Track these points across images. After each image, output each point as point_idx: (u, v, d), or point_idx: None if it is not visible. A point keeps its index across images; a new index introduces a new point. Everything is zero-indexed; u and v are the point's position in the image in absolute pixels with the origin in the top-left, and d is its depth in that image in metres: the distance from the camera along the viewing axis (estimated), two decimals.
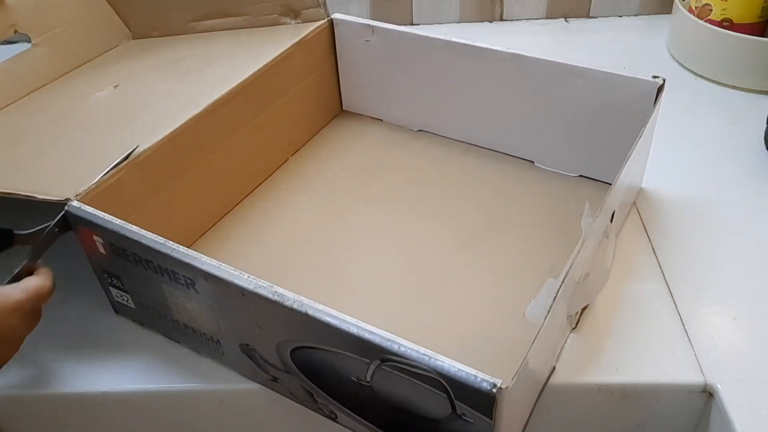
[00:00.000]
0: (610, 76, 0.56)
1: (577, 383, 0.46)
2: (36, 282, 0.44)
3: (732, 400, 0.44)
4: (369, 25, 0.65)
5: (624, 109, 0.56)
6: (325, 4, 0.92)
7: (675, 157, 0.66)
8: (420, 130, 0.70)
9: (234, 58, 0.63)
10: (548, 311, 0.39)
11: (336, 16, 0.67)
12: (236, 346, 0.46)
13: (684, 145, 0.68)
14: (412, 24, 0.94)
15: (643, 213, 0.60)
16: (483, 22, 0.94)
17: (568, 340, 0.49)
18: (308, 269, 0.56)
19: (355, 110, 0.73)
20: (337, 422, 0.46)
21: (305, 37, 0.64)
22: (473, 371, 0.35)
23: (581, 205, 0.58)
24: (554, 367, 0.47)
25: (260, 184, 0.64)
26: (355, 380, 0.41)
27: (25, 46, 0.64)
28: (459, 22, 0.94)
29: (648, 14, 0.94)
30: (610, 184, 0.60)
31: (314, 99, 0.69)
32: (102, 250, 0.47)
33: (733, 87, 0.77)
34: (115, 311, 0.53)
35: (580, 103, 0.59)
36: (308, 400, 0.46)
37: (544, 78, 0.59)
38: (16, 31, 0.63)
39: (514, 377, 0.35)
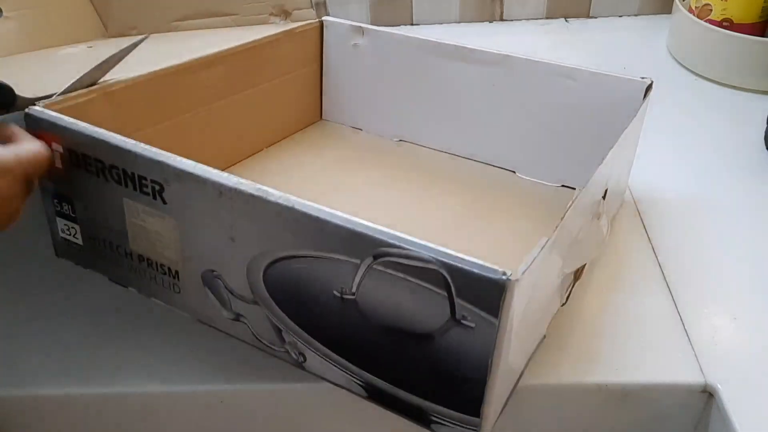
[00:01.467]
0: (599, 77, 0.56)
1: (577, 383, 0.46)
2: (31, 147, 0.41)
3: (732, 400, 0.44)
4: (359, 26, 0.65)
5: (611, 112, 0.56)
6: (325, 4, 0.92)
7: (675, 157, 0.66)
8: (401, 140, 0.69)
9: (219, 43, 0.61)
10: (541, 249, 0.36)
11: (327, 18, 0.67)
12: (197, 277, 0.42)
13: (684, 145, 0.68)
14: (412, 24, 0.94)
15: (642, 213, 0.60)
16: (483, 22, 0.94)
17: (569, 340, 0.49)
18: None
19: (335, 120, 0.73)
20: (304, 368, 0.42)
21: (295, 28, 0.64)
22: (480, 261, 0.32)
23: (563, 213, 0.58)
24: (544, 336, 0.45)
25: (233, 165, 0.63)
26: (338, 295, 0.37)
27: None
28: (459, 22, 0.94)
29: (648, 14, 0.94)
30: None
31: (296, 96, 0.69)
32: (59, 163, 0.43)
33: (733, 87, 0.77)
34: (57, 254, 0.49)
35: (568, 105, 0.58)
36: (274, 342, 0.42)
37: (533, 79, 0.59)
38: None
39: (525, 269, 0.32)
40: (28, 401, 0.50)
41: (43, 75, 0.53)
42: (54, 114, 0.43)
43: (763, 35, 0.77)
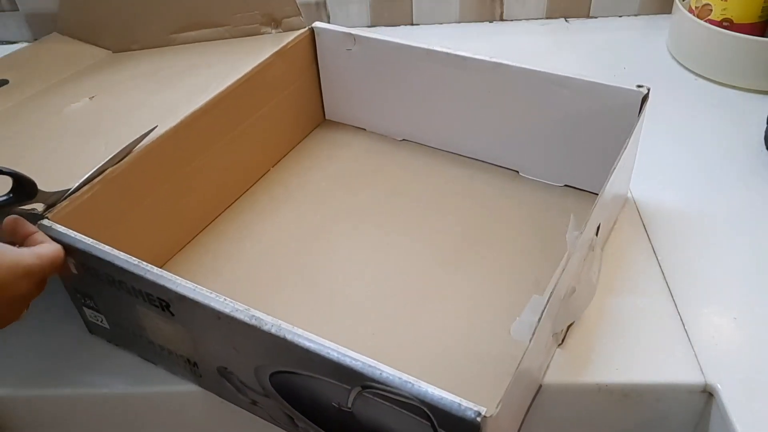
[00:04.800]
0: (594, 86, 0.55)
1: (577, 383, 0.46)
2: (49, 249, 0.43)
3: (732, 400, 0.44)
4: (350, 33, 0.65)
5: (609, 119, 0.56)
6: (325, 4, 0.92)
7: (675, 157, 0.66)
8: (403, 140, 0.69)
9: (213, 68, 0.62)
10: (533, 333, 0.38)
11: (317, 24, 0.66)
12: (213, 370, 0.45)
13: (684, 146, 0.68)
14: (413, 24, 0.94)
15: (643, 213, 0.60)
16: (483, 22, 0.94)
17: (569, 341, 0.49)
18: (289, 286, 0.55)
19: (338, 119, 0.73)
20: None
21: (285, 46, 0.64)
22: (457, 399, 0.34)
23: (566, 216, 0.57)
24: (540, 386, 0.46)
25: (240, 196, 0.63)
26: (336, 406, 0.40)
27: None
28: (459, 22, 0.94)
29: (648, 14, 0.94)
30: (596, 194, 0.60)
31: (295, 108, 0.68)
32: (74, 270, 0.46)
33: (733, 87, 0.77)
34: (89, 331, 0.52)
35: (565, 113, 0.58)
36: (288, 424, 0.45)
37: (527, 87, 0.59)
38: None
39: (498, 405, 0.34)
40: (28, 401, 0.50)
41: (52, 144, 0.54)
42: (62, 230, 0.44)
43: (763, 35, 0.77)
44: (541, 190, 0.62)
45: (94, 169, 0.48)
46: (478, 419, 0.34)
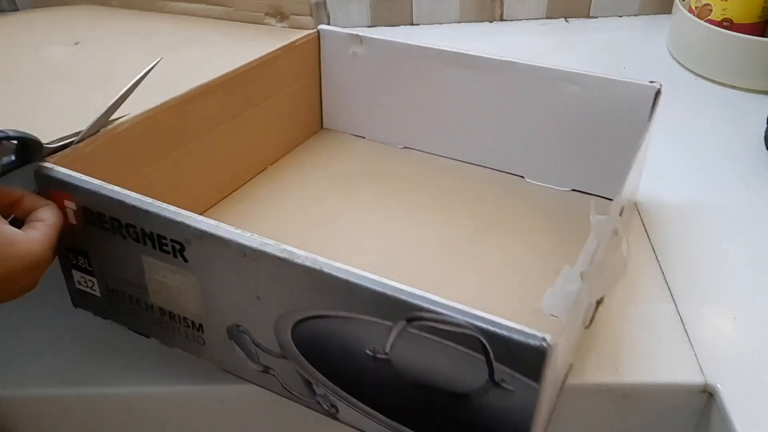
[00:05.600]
0: (606, 81, 0.55)
1: (577, 383, 0.46)
2: (55, 224, 0.40)
3: (732, 400, 0.44)
4: (357, 35, 0.64)
5: (619, 116, 0.55)
6: (325, 4, 0.92)
7: (675, 157, 0.66)
8: (405, 147, 0.68)
9: (215, 45, 0.60)
10: (576, 293, 0.36)
11: (322, 27, 0.65)
12: (222, 331, 0.41)
13: (684, 145, 0.68)
14: (413, 24, 0.94)
15: (643, 213, 0.60)
16: (483, 22, 0.94)
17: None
18: None
19: (336, 128, 0.71)
20: (337, 418, 0.41)
21: (294, 42, 0.63)
22: (519, 326, 0.31)
23: (576, 219, 0.58)
24: (571, 365, 0.45)
25: (238, 188, 0.62)
26: (371, 353, 0.36)
27: None
28: (459, 22, 0.94)
29: (648, 14, 0.94)
30: (604, 197, 0.59)
31: (296, 110, 0.67)
32: (72, 219, 0.42)
33: (733, 87, 0.77)
34: (74, 304, 0.48)
35: (575, 111, 0.57)
36: (304, 394, 0.41)
37: (537, 85, 0.58)
38: None
39: (561, 334, 0.31)
40: (28, 401, 0.50)
41: (43, 91, 0.51)
42: (66, 172, 0.41)
43: (763, 35, 0.77)
44: (548, 194, 0.62)
45: (95, 119, 0.45)
46: (544, 345, 0.31)
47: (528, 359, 0.31)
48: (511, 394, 0.33)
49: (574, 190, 0.62)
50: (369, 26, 0.94)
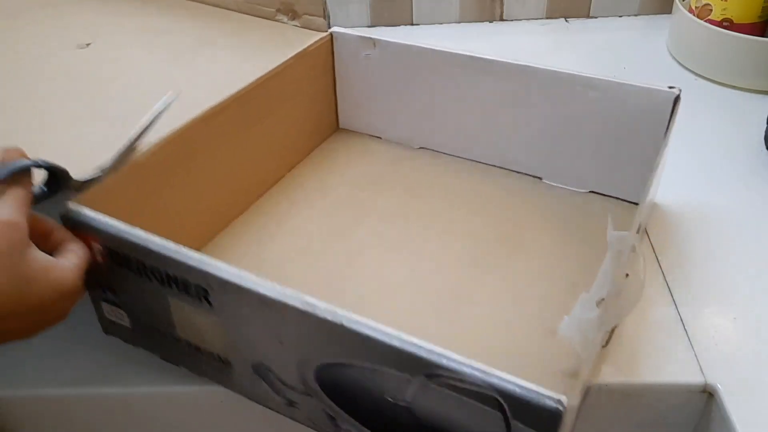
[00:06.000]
0: (624, 87, 0.54)
1: None
2: (82, 256, 0.40)
3: (732, 400, 0.44)
4: (370, 38, 0.63)
5: (637, 121, 0.55)
6: (324, 4, 0.92)
7: (675, 157, 0.66)
8: (421, 148, 0.68)
9: (229, 49, 0.59)
10: (594, 325, 0.37)
11: (335, 29, 0.64)
12: (248, 367, 0.42)
13: (684, 146, 0.68)
14: (412, 24, 0.94)
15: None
16: (483, 22, 0.94)
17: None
18: (316, 289, 0.51)
19: (352, 128, 0.71)
20: None
21: (307, 48, 0.61)
22: (535, 387, 0.32)
23: (593, 222, 0.58)
24: (589, 388, 0.45)
25: (257, 199, 0.61)
26: (391, 400, 0.37)
27: None
28: (459, 22, 0.94)
29: (648, 14, 0.94)
30: (622, 200, 0.59)
31: (312, 113, 0.67)
32: (99, 258, 0.43)
33: (733, 87, 0.77)
34: (104, 331, 0.49)
35: (592, 116, 0.57)
36: (328, 426, 0.42)
37: (554, 90, 0.57)
38: None
39: (577, 393, 0.32)
40: (28, 401, 0.50)
41: (52, 110, 0.50)
42: (92, 215, 0.41)
43: (763, 35, 0.77)
44: (566, 196, 0.61)
45: (119, 151, 0.45)
46: (560, 408, 0.31)
47: (544, 419, 0.32)
48: None
49: (591, 192, 0.62)
50: (369, 26, 0.94)
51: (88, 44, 0.55)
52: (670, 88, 0.53)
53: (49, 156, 0.40)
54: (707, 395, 0.46)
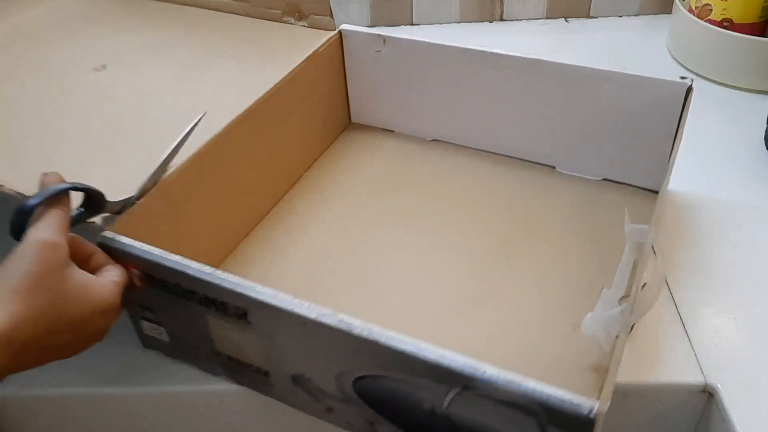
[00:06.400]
0: (637, 79, 0.55)
1: None
2: (120, 277, 0.42)
3: (732, 400, 0.44)
4: (380, 35, 0.64)
5: (650, 112, 0.56)
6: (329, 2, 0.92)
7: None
8: (434, 140, 0.68)
9: (240, 57, 0.59)
10: (620, 324, 0.37)
11: (344, 27, 0.65)
12: (287, 378, 0.44)
13: (683, 145, 0.68)
14: (412, 24, 0.94)
15: None
16: (483, 22, 0.94)
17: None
18: (339, 291, 0.53)
19: (365, 122, 0.71)
20: None
21: (317, 50, 0.62)
22: (568, 395, 0.33)
23: (609, 210, 0.59)
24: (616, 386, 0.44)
25: (277, 203, 0.62)
26: (428, 409, 0.38)
27: None
28: (459, 22, 0.94)
29: (648, 14, 0.94)
30: (635, 186, 0.60)
31: (325, 112, 0.67)
32: (136, 282, 0.44)
33: (733, 87, 0.77)
34: (144, 345, 0.50)
35: (605, 106, 0.58)
36: (367, 430, 0.44)
37: (566, 82, 0.58)
38: None
39: (608, 396, 0.33)
40: (28, 401, 0.50)
41: (77, 136, 0.52)
42: (128, 242, 0.43)
43: (763, 35, 0.77)
44: (580, 184, 0.62)
45: (151, 172, 0.47)
46: (592, 415, 0.33)
47: (578, 425, 0.33)
48: None
49: (605, 179, 0.62)
50: (369, 26, 0.94)
51: (103, 66, 0.56)
52: (682, 78, 0.54)
53: (85, 180, 0.42)
54: (707, 395, 0.46)
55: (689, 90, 0.53)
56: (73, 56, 0.60)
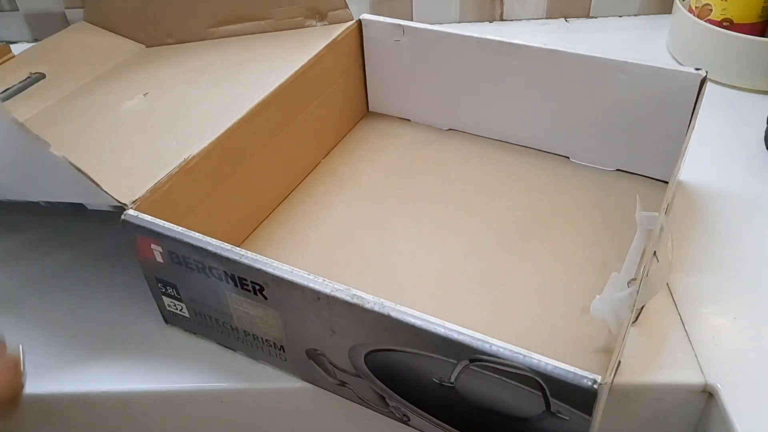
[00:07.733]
0: (651, 69, 0.56)
1: None
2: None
3: (732, 400, 0.44)
4: (399, 24, 0.65)
5: (664, 102, 0.56)
6: None
7: None
8: (450, 129, 0.70)
9: (266, 61, 0.62)
10: (629, 304, 0.38)
11: (364, 17, 0.66)
12: (302, 352, 0.45)
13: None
14: None
15: None
16: (483, 22, 0.94)
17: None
18: (355, 273, 0.55)
19: (382, 111, 0.73)
20: (409, 425, 0.45)
21: (335, 39, 0.63)
22: (572, 368, 0.35)
23: (622, 199, 0.60)
24: (619, 362, 0.46)
25: (295, 187, 0.64)
26: (437, 381, 0.40)
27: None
28: (459, 22, 0.94)
29: (648, 14, 0.94)
30: (649, 177, 0.61)
31: (343, 100, 0.68)
32: (159, 259, 0.46)
33: (733, 87, 0.77)
34: (166, 321, 0.52)
35: (619, 97, 0.59)
36: (378, 404, 0.45)
37: (581, 73, 0.59)
38: (30, 75, 0.63)
39: (611, 372, 0.35)
40: (29, 401, 0.50)
41: (118, 143, 0.54)
42: (151, 220, 0.44)
43: (763, 35, 0.77)
44: (594, 174, 0.63)
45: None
46: (595, 386, 0.34)
47: (581, 397, 0.35)
48: (566, 421, 0.37)
49: (618, 170, 0.63)
50: None
51: (146, 94, 0.60)
52: (697, 69, 0.54)
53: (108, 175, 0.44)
54: (707, 395, 0.46)
55: (704, 81, 0.54)
56: (113, 92, 0.64)
